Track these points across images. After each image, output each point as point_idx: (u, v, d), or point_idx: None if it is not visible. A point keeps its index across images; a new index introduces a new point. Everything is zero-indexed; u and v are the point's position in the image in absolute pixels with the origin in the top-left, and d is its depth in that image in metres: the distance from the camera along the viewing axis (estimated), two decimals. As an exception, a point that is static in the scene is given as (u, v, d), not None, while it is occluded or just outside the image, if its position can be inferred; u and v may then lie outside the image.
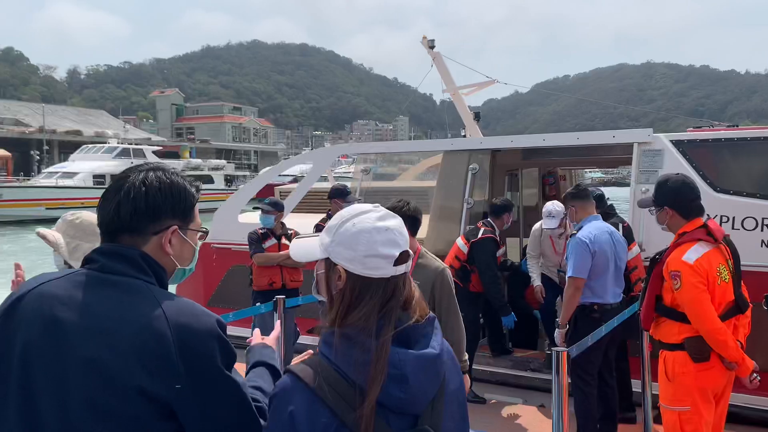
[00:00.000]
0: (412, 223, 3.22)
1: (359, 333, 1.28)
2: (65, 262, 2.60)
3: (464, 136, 9.48)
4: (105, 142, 48.72)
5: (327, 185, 8.43)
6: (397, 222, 1.38)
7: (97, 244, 2.17)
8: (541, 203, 8.62)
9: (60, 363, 1.29)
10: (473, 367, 5.84)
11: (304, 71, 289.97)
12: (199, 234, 1.57)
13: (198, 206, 1.59)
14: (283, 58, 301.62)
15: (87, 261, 1.44)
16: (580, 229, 4.55)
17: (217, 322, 1.40)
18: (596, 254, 4.38)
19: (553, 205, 5.77)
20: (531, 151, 7.43)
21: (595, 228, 4.49)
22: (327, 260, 1.38)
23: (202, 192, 1.59)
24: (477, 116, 9.53)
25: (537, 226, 6.23)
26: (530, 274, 6.24)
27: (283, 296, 4.67)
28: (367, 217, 1.37)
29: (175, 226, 1.48)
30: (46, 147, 56.18)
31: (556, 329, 4.60)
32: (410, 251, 1.39)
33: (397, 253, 1.34)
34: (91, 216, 2.82)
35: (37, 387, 1.30)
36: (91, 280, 1.38)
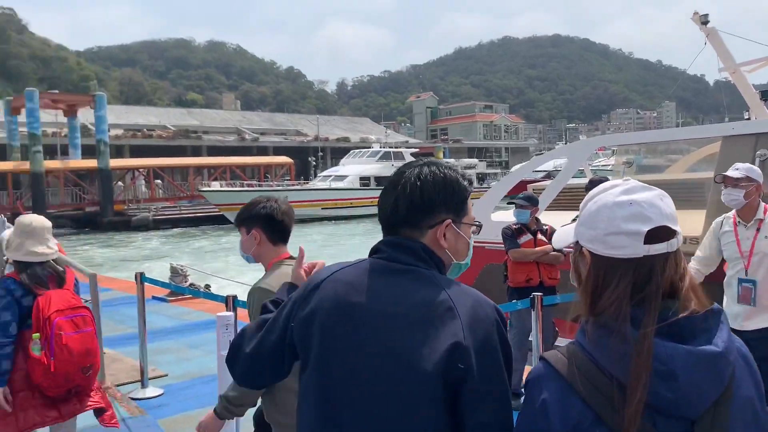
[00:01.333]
0: (268, 225, 2.56)
1: (614, 321, 1.16)
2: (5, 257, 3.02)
3: (748, 118, 8.32)
4: (369, 147, 52.95)
5: (584, 181, 8.05)
6: (648, 195, 1.21)
7: (38, 243, 2.82)
8: None
9: (354, 345, 1.39)
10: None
11: (556, 62, 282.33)
12: (473, 228, 1.57)
13: (470, 201, 1.58)
14: (535, 52, 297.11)
15: (373, 251, 1.53)
16: None
17: (495, 309, 1.41)
18: None
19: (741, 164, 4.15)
20: (840, 131, 6.21)
21: None
22: (576, 243, 1.29)
23: None
24: (764, 95, 8.30)
25: (720, 218, 4.31)
26: None
27: (541, 293, 4.55)
28: (611, 192, 1.24)
29: (449, 220, 1.49)
30: (320, 153, 63.00)
31: None
32: (673, 227, 1.20)
33: (646, 229, 1.18)
34: (37, 219, 3.47)
35: (333, 368, 1.41)
36: (379, 267, 1.46)
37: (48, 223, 3.58)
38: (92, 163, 39.40)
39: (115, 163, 41.53)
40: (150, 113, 71.26)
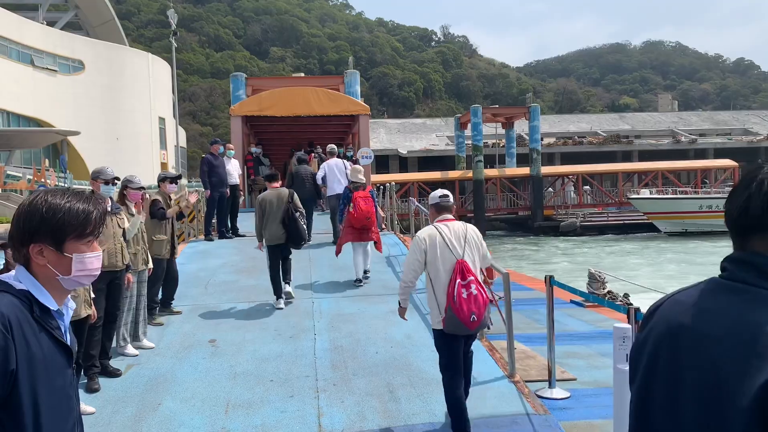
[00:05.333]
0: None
1: None
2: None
3: None
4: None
5: None
6: None
7: (358, 174, 9.89)
8: None
9: (674, 368, 1.29)
10: None
11: None
12: None
13: None
14: None
15: (721, 269, 1.36)
16: None
17: None
18: None
19: None
20: None
21: None
22: None
23: None
24: None
25: None
26: None
27: None
28: None
29: None
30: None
31: None
32: None
33: None
34: (350, 165, 11.40)
35: (653, 392, 1.34)
36: (716, 287, 1.32)
37: (359, 168, 10.02)
38: (525, 170, 42.23)
39: (546, 170, 43.65)
40: (582, 120, 72.42)
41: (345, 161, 12.68)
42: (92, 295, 5.40)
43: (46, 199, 1.68)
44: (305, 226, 8.41)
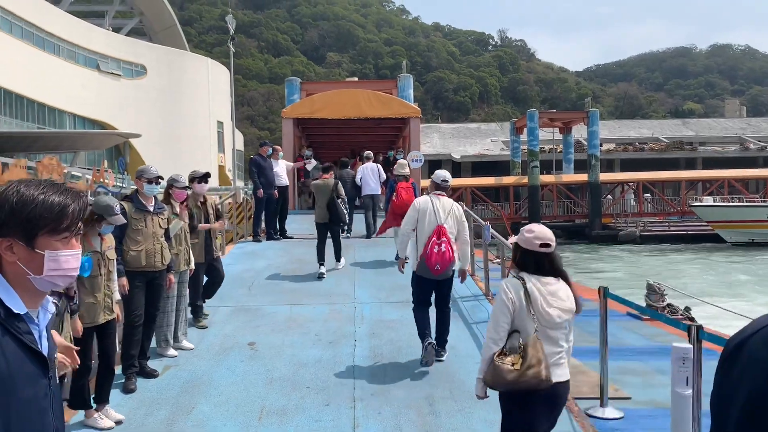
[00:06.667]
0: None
1: None
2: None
3: None
4: None
5: None
6: None
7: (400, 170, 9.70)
8: None
9: None
10: None
11: None
12: None
13: None
14: None
15: None
16: None
17: None
18: None
19: None
20: None
21: None
22: None
23: None
24: None
25: None
26: None
27: None
28: None
29: None
30: None
31: None
32: None
33: None
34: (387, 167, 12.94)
35: None
36: None
37: (403, 162, 11.38)
38: (583, 177, 41.10)
39: (604, 176, 42.38)
40: (643, 126, 70.19)
41: (378, 165, 14.37)
42: (118, 297, 5.30)
43: (18, 189, 1.52)
44: (345, 214, 10.13)
